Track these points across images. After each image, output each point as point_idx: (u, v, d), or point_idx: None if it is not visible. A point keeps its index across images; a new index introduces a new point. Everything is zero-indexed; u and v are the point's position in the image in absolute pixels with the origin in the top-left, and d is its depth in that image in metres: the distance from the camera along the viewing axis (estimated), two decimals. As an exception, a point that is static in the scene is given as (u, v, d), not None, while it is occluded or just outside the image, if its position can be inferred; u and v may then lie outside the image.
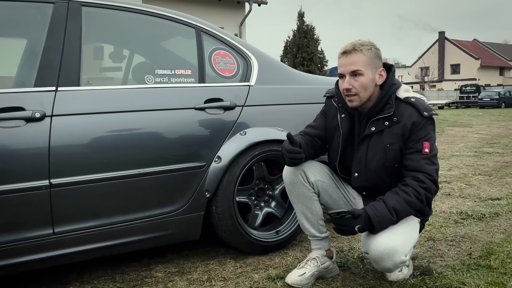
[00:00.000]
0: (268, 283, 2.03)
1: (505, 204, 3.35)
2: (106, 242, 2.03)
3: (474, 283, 1.92)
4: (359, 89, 1.82)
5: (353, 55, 1.81)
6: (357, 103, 1.85)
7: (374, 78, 1.83)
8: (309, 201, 2.00)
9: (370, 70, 1.82)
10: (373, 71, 1.83)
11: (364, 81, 1.81)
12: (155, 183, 2.12)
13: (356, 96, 1.83)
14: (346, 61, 1.82)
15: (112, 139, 2.02)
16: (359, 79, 1.81)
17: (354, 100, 1.84)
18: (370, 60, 1.82)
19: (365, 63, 1.81)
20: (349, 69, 1.81)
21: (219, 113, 2.31)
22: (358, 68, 1.80)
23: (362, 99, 1.84)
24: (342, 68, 1.84)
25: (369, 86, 1.83)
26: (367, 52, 1.81)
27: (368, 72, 1.81)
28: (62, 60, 1.96)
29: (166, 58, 2.44)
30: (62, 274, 2.19)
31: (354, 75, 1.81)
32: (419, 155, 1.77)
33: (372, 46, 1.83)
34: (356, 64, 1.80)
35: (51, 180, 1.86)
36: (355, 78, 1.81)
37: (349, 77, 1.82)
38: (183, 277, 2.15)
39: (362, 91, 1.82)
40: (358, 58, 1.80)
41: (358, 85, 1.81)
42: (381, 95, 1.85)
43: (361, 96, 1.83)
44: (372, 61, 1.82)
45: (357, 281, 2.03)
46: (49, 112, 1.87)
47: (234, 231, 2.31)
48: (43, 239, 1.87)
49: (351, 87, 1.82)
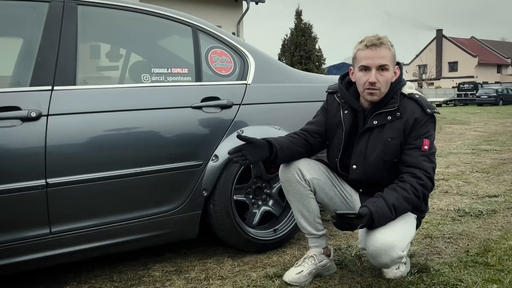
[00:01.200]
0: (266, 281, 2.03)
1: (502, 201, 3.35)
2: (103, 242, 2.03)
3: (471, 280, 1.92)
4: (383, 84, 1.81)
5: (382, 49, 1.80)
6: (377, 97, 1.84)
7: (393, 75, 1.85)
8: (305, 199, 2.00)
9: (392, 67, 1.83)
10: (393, 67, 1.84)
11: (388, 76, 1.82)
12: (152, 182, 2.12)
13: (378, 91, 1.82)
14: (375, 54, 1.79)
15: (109, 138, 2.01)
16: (385, 74, 1.81)
17: (375, 94, 1.83)
18: (393, 56, 1.84)
19: (391, 59, 1.82)
20: (377, 63, 1.79)
21: (216, 112, 2.30)
22: (386, 62, 1.80)
23: (381, 94, 1.84)
24: (368, 61, 1.80)
25: (390, 83, 1.84)
26: (392, 48, 1.83)
27: (391, 68, 1.82)
28: (58, 59, 1.96)
29: (162, 56, 2.44)
30: (60, 274, 2.19)
31: (381, 69, 1.80)
32: (418, 152, 1.78)
33: (392, 44, 1.85)
34: (384, 59, 1.80)
35: (47, 180, 1.85)
36: (381, 73, 1.80)
37: (375, 70, 1.80)
38: (181, 276, 2.15)
39: (384, 87, 1.83)
40: (386, 52, 1.80)
41: (383, 80, 1.81)
42: (388, 91, 1.86)
43: (382, 91, 1.83)
44: (394, 58, 1.84)
45: (354, 279, 2.03)
46: (45, 111, 1.86)
47: (232, 229, 2.31)
48: (40, 239, 1.87)
49: (376, 81, 1.80)
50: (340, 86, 2.01)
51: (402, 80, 1.91)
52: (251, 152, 1.86)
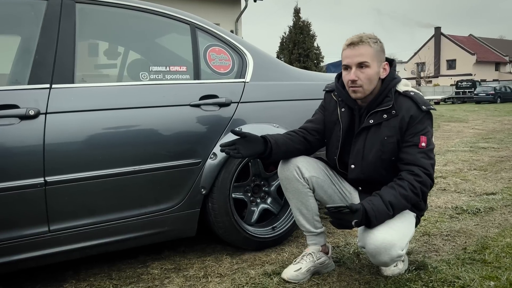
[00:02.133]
0: (264, 279, 2.03)
1: (500, 198, 3.37)
2: (102, 240, 2.03)
3: (469, 277, 1.93)
4: (364, 81, 1.82)
5: (360, 47, 1.81)
6: (361, 94, 1.85)
7: (378, 72, 1.84)
8: (304, 197, 2.00)
9: (376, 63, 1.83)
10: (378, 64, 1.84)
11: (370, 73, 1.82)
12: (151, 180, 2.12)
13: (360, 88, 1.83)
14: (353, 52, 1.82)
15: (107, 136, 2.01)
16: (365, 71, 1.81)
17: (358, 92, 1.84)
18: (376, 53, 1.83)
19: (372, 55, 1.81)
20: (356, 61, 1.81)
21: (215, 110, 2.30)
22: (365, 59, 1.80)
23: (365, 91, 1.84)
24: (348, 60, 1.83)
25: (374, 79, 1.84)
26: (374, 45, 1.82)
27: (374, 64, 1.82)
28: (56, 57, 1.95)
29: (160, 55, 2.44)
30: (58, 272, 2.19)
31: (360, 66, 1.81)
32: (415, 149, 1.78)
33: (378, 40, 1.85)
34: (363, 56, 1.81)
35: (46, 178, 1.85)
36: (361, 70, 1.82)
37: (355, 68, 1.82)
38: (180, 273, 2.16)
39: (367, 83, 1.83)
40: (365, 50, 1.81)
41: (364, 77, 1.82)
42: (381, 88, 1.86)
43: (365, 88, 1.84)
44: (378, 54, 1.83)
45: (352, 276, 2.04)
46: (44, 109, 1.86)
47: (230, 227, 2.31)
48: (38, 237, 1.87)
49: (357, 79, 1.82)
50: (336, 85, 2.02)
51: (397, 77, 1.91)
52: (245, 147, 1.86)
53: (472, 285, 1.86)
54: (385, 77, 1.88)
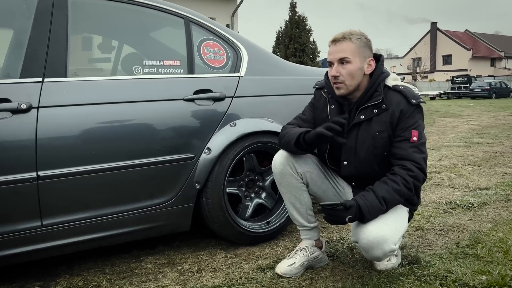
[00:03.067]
0: (258, 273, 2.04)
1: (493, 193, 3.38)
2: (96, 234, 2.02)
3: (461, 272, 1.94)
4: (346, 76, 1.82)
5: (342, 43, 1.82)
6: (344, 91, 1.85)
7: (362, 67, 1.84)
8: (297, 192, 2.00)
9: (358, 58, 1.82)
10: (361, 60, 1.83)
11: (351, 69, 1.82)
12: (145, 175, 2.11)
13: (342, 84, 1.84)
14: (335, 49, 1.84)
15: (100, 130, 2.00)
16: (347, 66, 1.82)
17: (341, 88, 1.85)
18: (359, 48, 1.82)
19: (353, 51, 1.81)
20: (337, 57, 1.83)
21: (209, 104, 2.29)
22: (345, 55, 1.81)
23: (349, 87, 1.84)
24: (330, 56, 1.86)
25: (357, 75, 1.83)
26: (356, 41, 1.82)
27: (356, 60, 1.82)
28: (48, 50, 1.94)
29: (154, 48, 2.42)
30: (51, 267, 2.18)
31: (341, 62, 1.82)
32: (407, 144, 1.79)
33: (362, 36, 1.84)
34: (344, 52, 1.81)
35: (38, 172, 1.84)
36: (342, 66, 1.82)
37: (337, 64, 1.83)
38: (173, 268, 2.16)
39: (349, 79, 1.83)
40: (346, 46, 1.82)
41: (345, 72, 1.82)
42: (370, 83, 1.86)
43: (348, 84, 1.84)
44: (360, 50, 1.83)
45: (346, 271, 2.05)
46: (36, 103, 1.85)
47: (225, 222, 2.31)
48: (31, 232, 1.86)
49: (338, 75, 1.83)
50: (326, 81, 2.01)
51: (385, 72, 1.91)
52: None
53: (464, 279, 1.87)
54: (373, 72, 1.88)
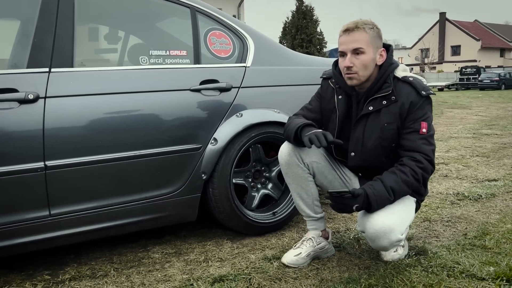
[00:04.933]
0: (264, 263, 2.04)
1: (501, 185, 3.36)
2: (103, 224, 2.04)
3: (469, 263, 1.93)
4: (359, 67, 1.80)
5: (356, 33, 1.79)
6: (356, 81, 1.83)
7: (375, 58, 1.82)
8: (304, 182, 2.00)
9: (372, 49, 1.80)
10: (374, 50, 1.81)
11: (365, 59, 1.79)
12: (151, 165, 2.12)
13: (355, 75, 1.81)
14: (348, 39, 1.80)
15: (107, 121, 2.01)
16: (361, 57, 1.79)
17: (354, 78, 1.82)
18: (372, 39, 1.80)
19: (367, 41, 1.79)
20: (351, 47, 1.79)
21: (215, 95, 2.29)
22: (360, 46, 1.78)
23: (361, 78, 1.82)
24: (343, 46, 1.81)
25: (370, 66, 1.81)
26: (369, 31, 1.79)
27: (370, 51, 1.79)
28: (55, 40, 1.94)
29: (160, 38, 2.41)
30: (60, 255, 2.21)
31: (355, 53, 1.79)
32: (416, 135, 1.77)
33: (374, 26, 1.82)
34: (358, 42, 1.78)
35: (46, 162, 1.85)
36: (356, 56, 1.79)
37: (350, 55, 1.80)
38: (180, 258, 2.17)
39: (362, 70, 1.80)
40: (360, 36, 1.78)
41: (359, 63, 1.79)
42: (379, 74, 1.83)
43: (361, 75, 1.81)
44: (373, 40, 1.80)
45: (352, 261, 2.05)
46: (43, 93, 1.85)
47: (231, 212, 2.32)
48: (39, 221, 1.88)
49: (352, 65, 1.79)
50: (333, 72, 1.99)
51: (394, 63, 1.88)
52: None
53: (472, 271, 1.86)
54: (383, 63, 1.85)
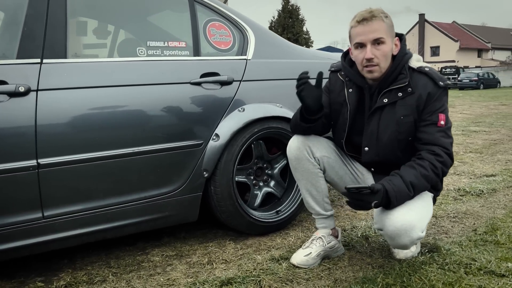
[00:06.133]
0: (272, 264, 1.94)
1: (500, 180, 3.33)
2: (100, 226, 1.91)
3: (485, 259, 1.87)
4: (381, 58, 1.70)
5: (374, 22, 1.68)
6: (378, 74, 1.73)
7: (392, 48, 1.73)
8: (314, 178, 1.90)
9: (390, 38, 1.71)
10: (391, 40, 1.72)
11: (386, 49, 1.70)
12: (150, 163, 2.00)
13: (377, 67, 1.71)
14: (367, 28, 1.68)
15: (104, 115, 1.88)
16: (382, 47, 1.69)
17: (375, 71, 1.72)
18: (389, 28, 1.71)
19: (386, 30, 1.69)
20: (371, 37, 1.68)
21: (216, 88, 2.18)
22: (380, 35, 1.68)
23: (382, 70, 1.72)
24: (362, 37, 1.69)
25: (389, 56, 1.72)
26: (386, 19, 1.70)
27: (389, 40, 1.70)
28: (46, 29, 1.80)
29: (158, 29, 2.29)
30: (53, 261, 2.06)
31: (376, 43, 1.69)
32: (434, 128, 1.69)
33: (387, 14, 1.72)
34: (378, 32, 1.68)
35: (38, 160, 1.71)
36: (377, 47, 1.69)
37: (370, 45, 1.68)
38: (182, 260, 2.05)
39: (384, 61, 1.71)
40: (379, 25, 1.68)
41: (381, 54, 1.69)
42: (393, 65, 1.74)
43: (382, 66, 1.71)
44: (390, 29, 1.71)
45: (364, 260, 1.96)
46: (35, 86, 1.72)
47: (234, 211, 2.21)
48: (32, 224, 1.74)
49: (373, 57, 1.68)
50: (343, 64, 1.90)
51: (408, 53, 1.79)
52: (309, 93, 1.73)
53: (490, 267, 1.79)
54: (397, 53, 1.77)
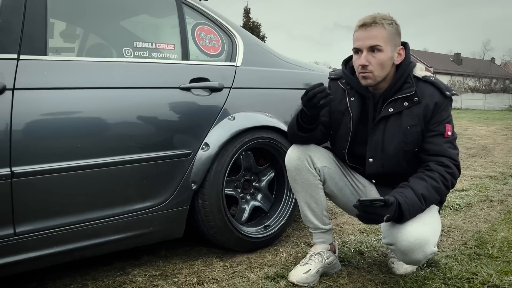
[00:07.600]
0: (269, 283, 1.81)
1: (473, 195, 3.40)
2: (78, 243, 1.70)
3: (486, 273, 1.84)
4: (375, 66, 1.65)
5: (373, 29, 1.63)
6: (371, 81, 1.68)
7: (392, 57, 1.67)
8: (314, 190, 1.81)
9: (390, 47, 1.65)
10: (392, 48, 1.66)
11: (382, 58, 1.64)
12: (136, 173, 1.82)
13: (371, 74, 1.66)
14: (365, 34, 1.64)
15: (86, 120, 1.69)
16: (378, 55, 1.64)
17: (368, 78, 1.67)
18: (391, 36, 1.65)
19: (386, 38, 1.64)
20: (367, 44, 1.63)
21: (206, 95, 2.05)
22: (377, 43, 1.63)
23: (376, 78, 1.67)
24: (359, 42, 1.65)
25: (387, 65, 1.66)
26: (388, 26, 1.65)
27: (388, 49, 1.65)
28: (24, 22, 1.60)
29: (146, 29, 2.14)
30: (18, 284, 1.81)
31: (372, 50, 1.64)
32: (441, 139, 1.65)
33: (393, 21, 1.67)
34: (376, 39, 1.63)
35: (12, 169, 1.50)
36: (373, 54, 1.64)
37: (366, 52, 1.64)
38: (168, 280, 1.87)
39: (379, 70, 1.65)
40: (378, 32, 1.63)
41: (376, 62, 1.64)
42: (398, 74, 1.70)
43: (376, 74, 1.66)
44: (392, 38, 1.66)
45: (364, 276, 1.88)
46: (10, 84, 1.51)
47: (223, 227, 2.06)
48: (1, 242, 1.51)
49: (367, 64, 1.64)
50: (344, 71, 1.84)
51: (412, 61, 1.76)
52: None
53: (492, 281, 1.76)
54: (401, 62, 1.73)
